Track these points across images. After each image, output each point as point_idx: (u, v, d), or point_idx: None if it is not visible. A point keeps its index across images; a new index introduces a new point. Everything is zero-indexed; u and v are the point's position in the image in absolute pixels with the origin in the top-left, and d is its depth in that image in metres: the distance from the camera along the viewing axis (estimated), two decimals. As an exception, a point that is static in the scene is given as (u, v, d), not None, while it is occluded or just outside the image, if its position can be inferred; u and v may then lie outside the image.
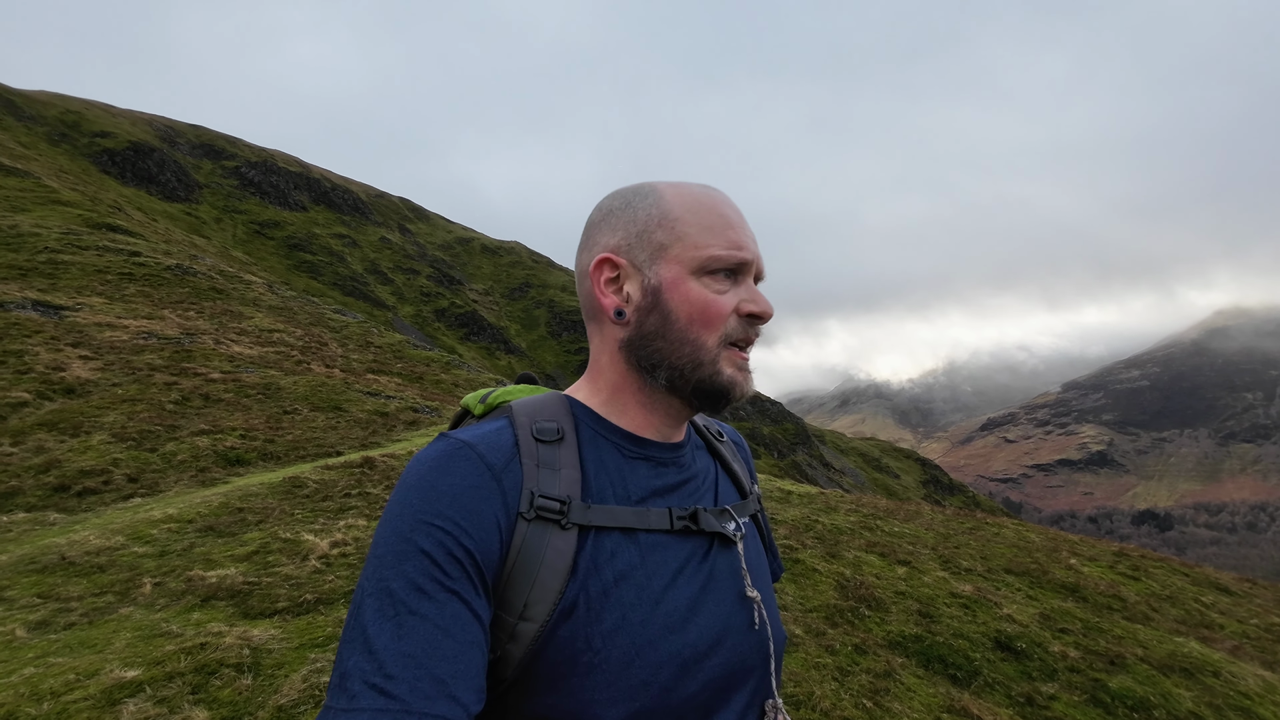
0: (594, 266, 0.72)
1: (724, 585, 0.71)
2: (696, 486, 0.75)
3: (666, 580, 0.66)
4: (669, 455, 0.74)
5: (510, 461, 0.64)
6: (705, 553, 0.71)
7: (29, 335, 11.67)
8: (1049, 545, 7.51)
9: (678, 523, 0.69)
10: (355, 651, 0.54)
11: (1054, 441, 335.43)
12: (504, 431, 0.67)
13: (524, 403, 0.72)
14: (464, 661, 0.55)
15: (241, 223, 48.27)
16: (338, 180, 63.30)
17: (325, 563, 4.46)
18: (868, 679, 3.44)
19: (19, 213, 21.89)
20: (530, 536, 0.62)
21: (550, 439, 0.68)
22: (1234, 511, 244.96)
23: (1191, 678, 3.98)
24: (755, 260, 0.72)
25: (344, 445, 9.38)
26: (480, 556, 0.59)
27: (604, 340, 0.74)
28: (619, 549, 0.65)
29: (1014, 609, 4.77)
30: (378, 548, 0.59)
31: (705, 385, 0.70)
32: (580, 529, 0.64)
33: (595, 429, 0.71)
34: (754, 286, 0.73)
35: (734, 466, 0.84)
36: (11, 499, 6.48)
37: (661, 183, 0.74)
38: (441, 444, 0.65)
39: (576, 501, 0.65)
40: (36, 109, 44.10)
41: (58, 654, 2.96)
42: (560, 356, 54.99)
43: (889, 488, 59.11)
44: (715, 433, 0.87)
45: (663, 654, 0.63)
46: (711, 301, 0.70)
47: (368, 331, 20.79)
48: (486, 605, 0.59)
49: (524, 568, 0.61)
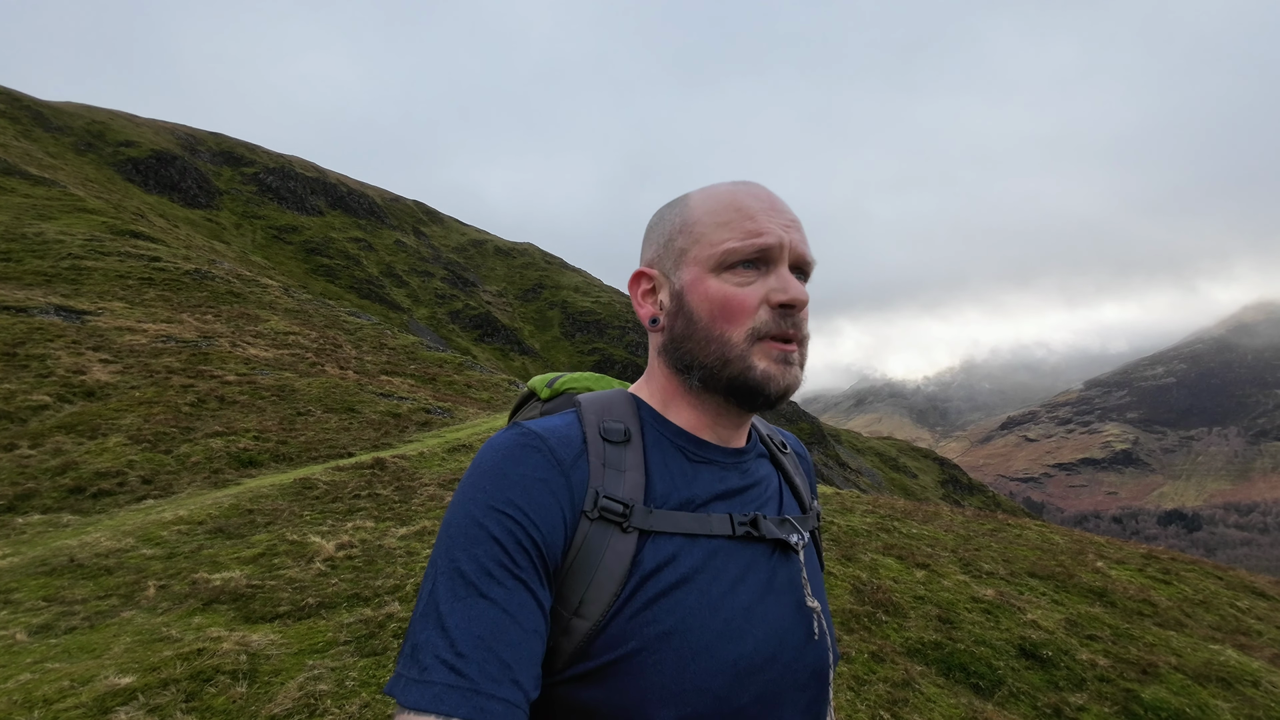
0: (631, 281, 0.77)
1: (783, 595, 0.71)
2: (759, 494, 0.75)
3: (726, 587, 0.66)
4: (732, 460, 0.75)
5: (578, 458, 0.66)
6: (766, 561, 0.71)
7: (51, 340, 11.89)
8: (1074, 547, 7.27)
9: (739, 528, 0.69)
10: (429, 626, 0.56)
11: (1077, 440, 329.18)
12: (573, 427, 0.68)
13: (592, 399, 0.73)
14: (527, 648, 0.57)
15: (260, 228, 49.03)
16: (353, 185, 64.07)
17: (330, 565, 4.42)
18: (885, 688, 3.30)
19: (46, 220, 22.40)
20: (592, 536, 0.63)
21: (617, 440, 0.69)
22: (1266, 511, 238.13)
23: (1230, 688, 3.78)
24: (781, 244, 0.70)
25: (356, 446, 9.40)
26: (545, 548, 0.61)
27: (652, 346, 0.78)
28: (680, 553, 0.65)
29: (1039, 614, 4.58)
30: (450, 528, 0.61)
31: (737, 382, 0.69)
32: (641, 533, 0.65)
33: (660, 431, 0.72)
34: (786, 274, 0.70)
35: (796, 479, 0.83)
36: (28, 500, 6.55)
37: (695, 191, 0.76)
38: (514, 432, 0.67)
39: (639, 505, 0.65)
40: (64, 120, 45.20)
41: (56, 659, 2.93)
42: (574, 357, 55.06)
43: (907, 488, 58.35)
44: (779, 443, 0.87)
45: (719, 661, 0.63)
46: (731, 295, 0.69)
47: (382, 333, 20.94)
48: (549, 595, 0.61)
49: (583, 565, 0.62)
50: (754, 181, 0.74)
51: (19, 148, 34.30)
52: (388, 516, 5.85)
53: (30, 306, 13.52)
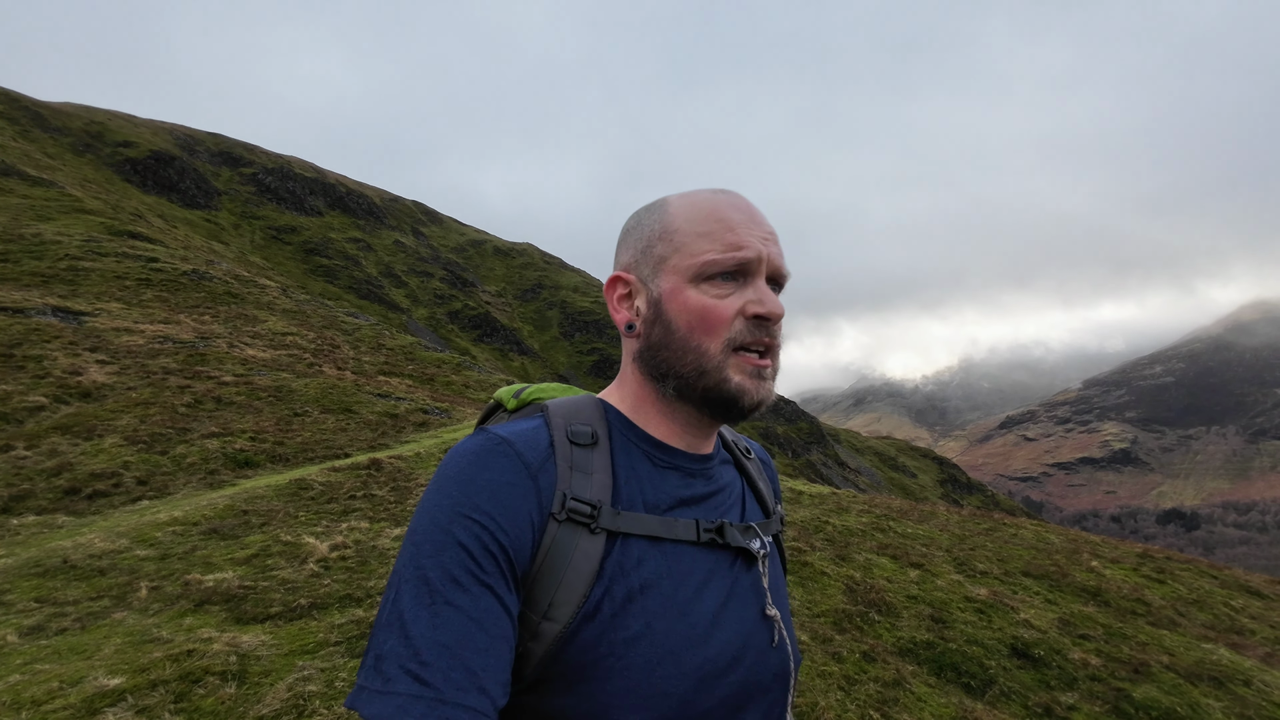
0: (608, 285, 0.76)
1: (746, 602, 0.71)
2: (723, 500, 0.76)
3: (691, 592, 0.67)
4: (697, 467, 0.75)
5: (546, 461, 0.65)
6: (729, 567, 0.71)
7: (48, 340, 11.87)
8: (1069, 547, 7.28)
9: (704, 535, 0.70)
10: (392, 635, 0.55)
11: (1075, 439, 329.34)
12: (540, 431, 0.68)
13: (560, 403, 0.73)
14: (494, 655, 0.56)
15: (259, 228, 48.97)
16: (352, 185, 64.01)
17: (324, 566, 4.42)
18: (876, 688, 3.31)
19: (43, 221, 22.38)
20: (560, 537, 0.63)
21: (584, 442, 0.69)
22: (1264, 510, 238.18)
23: (1221, 687, 3.78)
24: (760, 258, 0.70)
25: (353, 447, 9.39)
26: (513, 552, 0.61)
27: (626, 351, 0.77)
28: (645, 556, 0.66)
29: (1032, 614, 4.59)
30: (415, 535, 0.60)
31: (713, 393, 0.70)
32: (609, 534, 0.65)
33: (627, 435, 0.72)
34: (764, 286, 0.71)
35: (759, 484, 0.84)
36: (23, 501, 6.55)
37: (673, 195, 0.75)
38: (480, 438, 0.66)
39: (607, 506, 0.65)
40: (62, 120, 45.12)
41: (46, 660, 2.93)
42: (573, 357, 55.06)
43: (906, 487, 58.36)
44: (743, 449, 0.87)
45: (685, 665, 0.63)
46: (710, 307, 0.69)
47: (380, 334, 20.93)
48: (516, 600, 0.61)
49: (552, 567, 0.62)
50: (734, 191, 0.74)
51: (17, 148, 34.26)
52: (383, 517, 5.86)
53: (27, 307, 13.51)
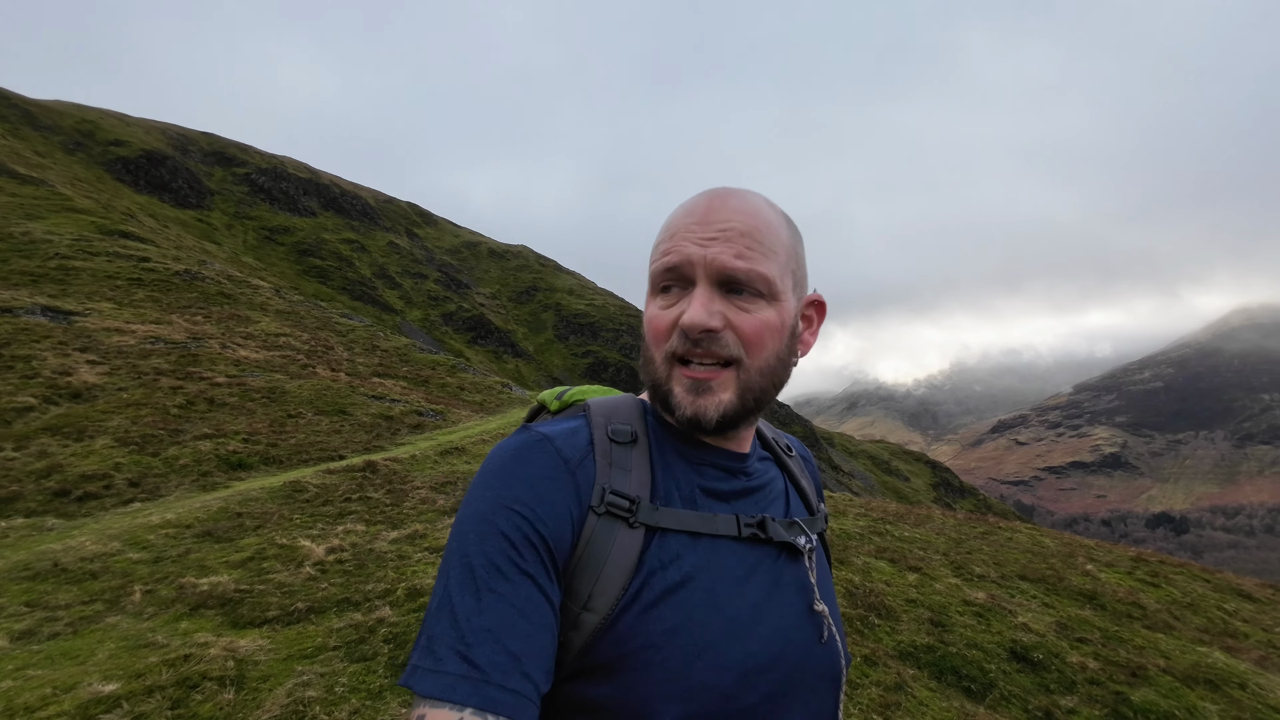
0: None
1: (791, 598, 0.71)
2: (764, 496, 0.76)
3: (731, 586, 0.67)
4: (735, 464, 0.75)
5: (585, 457, 0.67)
6: (772, 563, 0.71)
7: (37, 340, 11.73)
8: (1064, 550, 7.32)
9: (745, 530, 0.70)
10: (442, 619, 0.57)
11: (1066, 444, 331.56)
12: (580, 429, 0.70)
13: (600, 403, 0.75)
14: (536, 642, 0.58)
15: (252, 229, 48.64)
16: (346, 186, 63.73)
17: (320, 569, 4.38)
18: (877, 692, 3.30)
19: (33, 220, 22.13)
20: (599, 530, 0.64)
21: (624, 440, 0.70)
22: (1252, 514, 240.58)
23: (1217, 690, 3.80)
24: (690, 261, 0.67)
25: (347, 449, 9.33)
26: (553, 543, 0.62)
27: None
28: (684, 551, 0.66)
29: (1029, 617, 4.60)
30: (461, 524, 0.63)
31: (665, 405, 0.71)
32: (647, 529, 0.66)
33: (664, 434, 0.74)
34: (696, 294, 0.68)
35: (802, 482, 0.84)
36: (11, 504, 6.45)
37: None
38: (522, 435, 0.69)
39: (645, 502, 0.66)
40: (53, 118, 44.68)
41: (38, 666, 2.88)
42: (567, 360, 54.95)
43: (899, 491, 58.55)
44: (784, 446, 0.87)
45: (725, 659, 0.63)
46: (651, 319, 0.72)
47: (374, 335, 20.82)
48: (558, 590, 0.62)
49: (591, 560, 0.63)
50: (719, 187, 0.72)
51: (6, 146, 33.89)
52: (379, 520, 5.81)
53: (16, 306, 13.34)
